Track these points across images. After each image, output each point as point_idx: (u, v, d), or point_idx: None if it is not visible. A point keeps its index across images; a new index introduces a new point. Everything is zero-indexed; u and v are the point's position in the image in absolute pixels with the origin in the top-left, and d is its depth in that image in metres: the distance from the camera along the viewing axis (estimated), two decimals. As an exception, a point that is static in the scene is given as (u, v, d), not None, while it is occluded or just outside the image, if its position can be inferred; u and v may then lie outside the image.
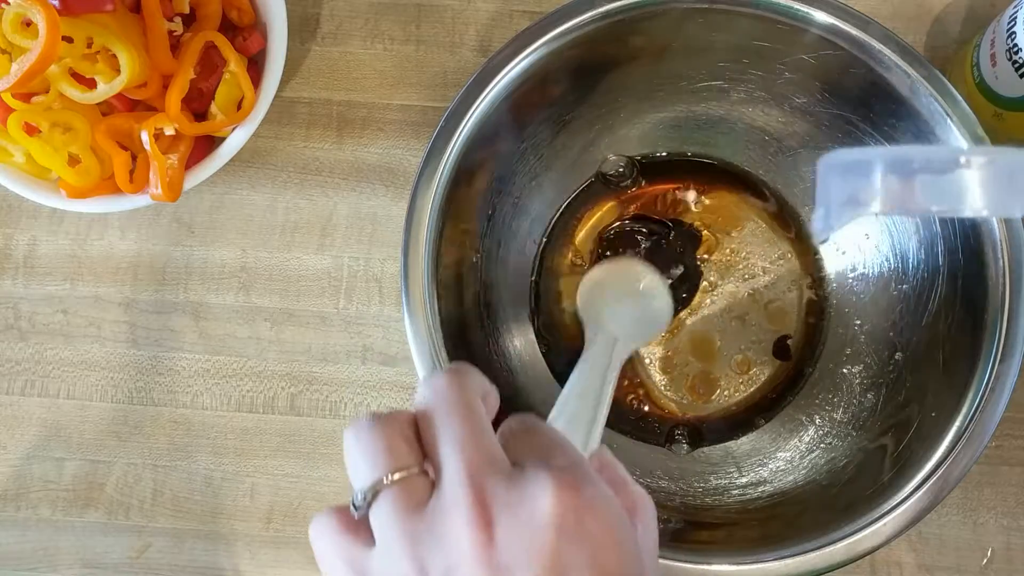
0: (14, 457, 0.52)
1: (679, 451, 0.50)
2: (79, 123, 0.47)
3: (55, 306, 0.53)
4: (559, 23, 0.44)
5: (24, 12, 0.42)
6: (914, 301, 0.47)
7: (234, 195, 0.54)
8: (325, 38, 0.55)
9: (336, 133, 0.54)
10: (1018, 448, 0.51)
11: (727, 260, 0.52)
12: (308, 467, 0.52)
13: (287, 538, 0.51)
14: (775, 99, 0.49)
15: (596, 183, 0.53)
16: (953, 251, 0.45)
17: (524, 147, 0.49)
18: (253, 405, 0.52)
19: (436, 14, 0.55)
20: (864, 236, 0.50)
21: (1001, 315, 0.42)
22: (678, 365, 0.52)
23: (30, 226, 0.54)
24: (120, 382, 0.53)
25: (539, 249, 0.52)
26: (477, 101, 0.44)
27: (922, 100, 0.44)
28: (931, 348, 0.45)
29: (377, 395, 0.52)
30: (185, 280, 0.53)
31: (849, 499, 0.43)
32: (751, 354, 0.51)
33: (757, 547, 0.42)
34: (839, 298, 0.51)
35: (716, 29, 0.46)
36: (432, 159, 0.44)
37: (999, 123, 0.49)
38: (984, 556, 0.50)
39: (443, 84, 0.55)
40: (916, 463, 0.42)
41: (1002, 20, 0.47)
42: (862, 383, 0.48)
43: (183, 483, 0.52)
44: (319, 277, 0.53)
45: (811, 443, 0.48)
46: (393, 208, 0.54)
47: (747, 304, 0.52)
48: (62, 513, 0.52)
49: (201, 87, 0.49)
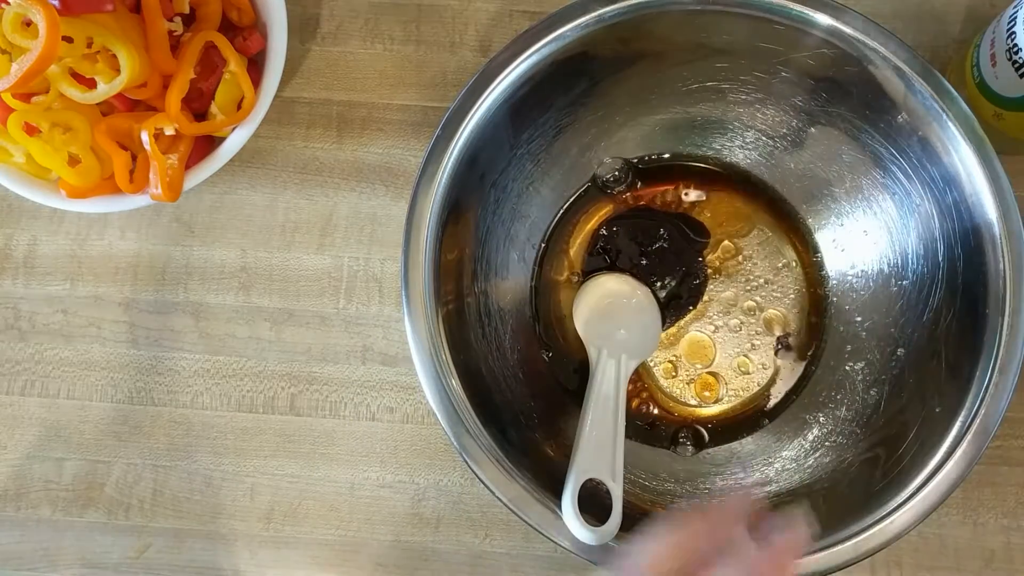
0: (14, 457, 0.52)
1: (684, 453, 0.50)
2: (79, 123, 0.47)
3: (55, 306, 0.54)
4: (558, 26, 0.44)
5: (24, 12, 0.42)
6: (914, 297, 0.47)
7: (234, 195, 0.54)
8: (325, 38, 0.55)
9: (336, 133, 0.54)
10: (1018, 448, 0.51)
11: (726, 260, 0.52)
12: (308, 467, 0.52)
13: (287, 538, 0.51)
14: (773, 100, 0.49)
15: (593, 187, 0.53)
16: (953, 249, 0.45)
17: (522, 150, 0.49)
18: (253, 405, 0.52)
19: (436, 14, 0.55)
20: (863, 233, 0.50)
21: (1002, 314, 0.42)
22: (681, 368, 0.52)
23: (30, 226, 0.54)
24: (120, 382, 0.53)
25: (538, 254, 0.53)
26: (477, 103, 0.44)
27: (920, 99, 0.44)
28: (932, 345, 0.45)
29: (377, 395, 0.52)
30: (185, 280, 0.53)
31: (855, 497, 0.43)
32: (752, 354, 0.51)
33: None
34: (840, 295, 0.51)
35: (714, 30, 0.46)
36: (433, 160, 0.44)
37: (999, 123, 0.49)
38: (984, 556, 0.50)
39: (443, 84, 0.55)
40: (921, 460, 0.42)
41: (1002, 20, 0.47)
42: (865, 380, 0.48)
43: (183, 483, 0.52)
44: (319, 277, 0.53)
45: (816, 442, 0.49)
46: (393, 208, 0.54)
47: (747, 304, 0.52)
48: (62, 513, 0.52)
49: (201, 87, 0.49)
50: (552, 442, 0.48)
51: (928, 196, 0.46)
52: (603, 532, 0.40)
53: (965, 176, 0.43)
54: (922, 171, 0.45)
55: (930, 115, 0.44)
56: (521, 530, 0.51)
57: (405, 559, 0.51)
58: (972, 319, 0.43)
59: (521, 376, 0.49)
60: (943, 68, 0.53)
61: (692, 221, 0.52)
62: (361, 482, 0.51)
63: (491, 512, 0.51)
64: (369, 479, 0.51)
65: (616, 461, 0.42)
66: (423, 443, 0.52)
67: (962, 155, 0.43)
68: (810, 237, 0.52)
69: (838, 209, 0.51)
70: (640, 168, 0.53)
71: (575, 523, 0.39)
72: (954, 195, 0.44)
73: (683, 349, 0.52)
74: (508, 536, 0.51)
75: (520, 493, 0.41)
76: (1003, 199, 0.42)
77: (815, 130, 0.49)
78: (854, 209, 0.50)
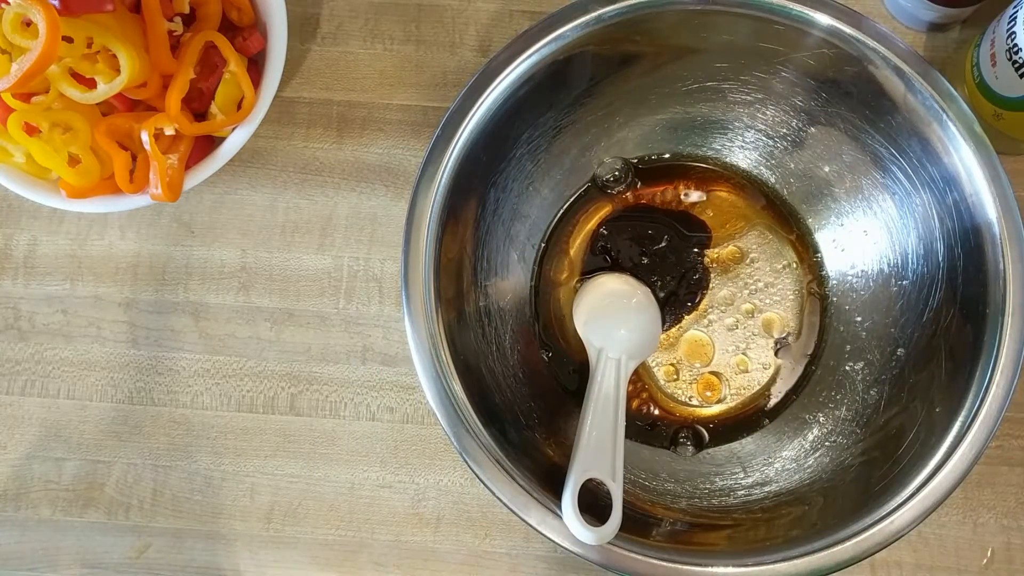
0: (14, 457, 0.52)
1: (684, 453, 0.50)
2: (79, 123, 0.47)
3: (55, 306, 0.54)
4: (558, 26, 0.44)
5: (24, 12, 0.42)
6: (914, 297, 0.47)
7: (234, 195, 0.54)
8: (325, 38, 0.55)
9: (336, 133, 0.54)
10: (1018, 448, 0.51)
11: (726, 260, 0.52)
12: (308, 467, 0.52)
13: (287, 538, 0.51)
14: (773, 100, 0.49)
15: (592, 187, 0.53)
16: (953, 249, 0.45)
17: (522, 150, 0.49)
18: (253, 405, 0.52)
19: (436, 14, 0.55)
20: (863, 233, 0.50)
21: (1002, 314, 0.42)
22: (681, 368, 0.52)
23: (30, 226, 0.54)
24: (120, 382, 0.53)
25: (538, 254, 0.53)
26: (477, 103, 0.44)
27: (920, 99, 0.44)
28: (932, 345, 0.45)
29: (377, 395, 0.52)
30: (185, 280, 0.53)
31: (855, 497, 0.43)
32: (752, 354, 0.51)
33: (762, 548, 0.42)
34: (840, 295, 0.51)
35: (714, 30, 0.46)
36: (433, 161, 0.44)
37: (999, 123, 0.49)
38: (984, 556, 0.50)
39: (443, 84, 0.55)
40: (921, 460, 0.42)
41: (1002, 20, 0.47)
42: (864, 380, 0.48)
43: (183, 483, 0.52)
44: (319, 277, 0.53)
45: (816, 442, 0.48)
46: (393, 208, 0.54)
47: (747, 304, 0.52)
48: (62, 513, 0.52)
49: (201, 87, 0.49)
50: (552, 442, 0.48)
51: (928, 196, 0.46)
52: (603, 532, 0.40)
53: (965, 176, 0.43)
54: (922, 171, 0.45)
55: (930, 115, 0.44)
56: (521, 530, 0.51)
57: (405, 559, 0.51)
58: (972, 319, 0.43)
59: (521, 376, 0.49)
60: (943, 68, 0.53)
61: (693, 220, 0.52)
62: (361, 482, 0.51)
63: (491, 512, 0.51)
64: (369, 479, 0.51)
65: (616, 461, 0.42)
66: (423, 443, 0.52)
67: (962, 155, 0.43)
68: (810, 237, 0.52)
69: (838, 209, 0.51)
70: (640, 168, 0.53)
71: (575, 523, 0.39)
72: (954, 195, 0.44)
73: (683, 348, 0.52)
74: (508, 536, 0.51)
75: (520, 493, 0.41)
76: (1003, 199, 0.42)
77: (815, 130, 0.49)
78: (854, 209, 0.50)
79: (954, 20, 0.53)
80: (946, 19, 0.53)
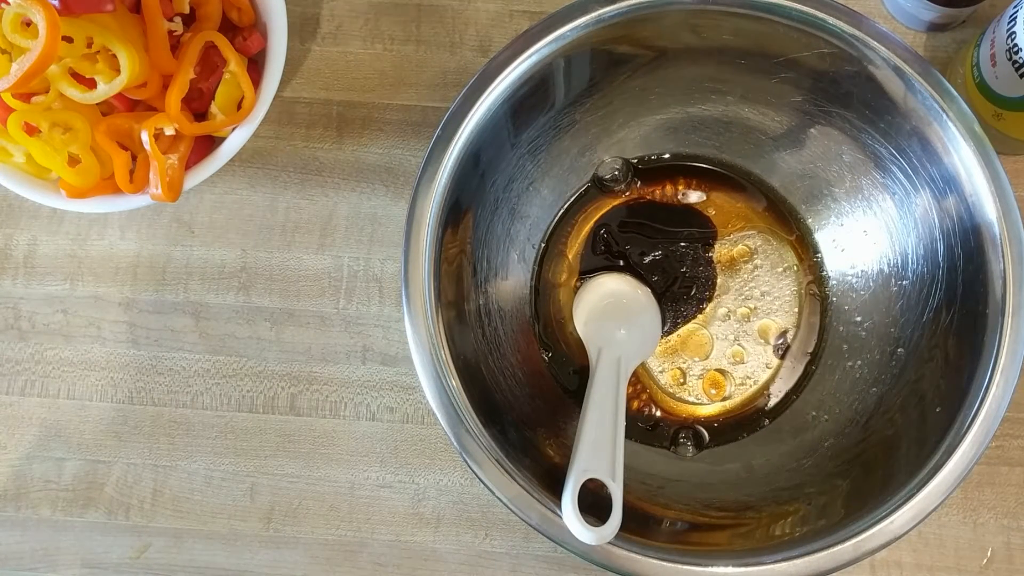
0: (14, 457, 0.52)
1: (684, 453, 0.50)
2: (79, 123, 0.47)
3: (55, 306, 0.54)
4: (558, 26, 0.44)
5: (24, 12, 0.42)
6: (914, 297, 0.47)
7: (234, 195, 0.54)
8: (325, 38, 0.55)
9: (336, 133, 0.54)
10: (1018, 448, 0.51)
11: (727, 260, 0.52)
12: (308, 467, 0.52)
13: (287, 538, 0.51)
14: (772, 99, 0.49)
15: (592, 187, 0.53)
16: (953, 249, 0.45)
17: (522, 150, 0.49)
18: (253, 405, 0.52)
19: (436, 14, 0.55)
20: (863, 233, 0.50)
21: (1002, 314, 0.42)
22: (681, 368, 0.52)
23: (30, 226, 0.54)
24: (120, 382, 0.53)
25: (538, 255, 0.53)
26: (477, 103, 0.44)
27: (920, 99, 0.44)
28: (932, 344, 0.45)
29: (377, 395, 0.52)
30: (185, 280, 0.53)
31: (855, 497, 0.43)
32: (753, 354, 0.51)
33: (762, 548, 0.42)
34: (840, 295, 0.51)
35: (714, 30, 0.46)
36: (433, 160, 0.44)
37: (999, 123, 0.49)
38: (984, 556, 0.50)
39: (443, 84, 0.55)
40: (921, 460, 0.42)
41: (1002, 20, 0.47)
42: (865, 380, 0.48)
43: (183, 483, 0.52)
44: (319, 277, 0.53)
45: (815, 441, 0.48)
46: (393, 208, 0.54)
47: (747, 304, 0.52)
48: (62, 513, 0.52)
49: (201, 87, 0.49)
50: (552, 442, 0.48)
51: (928, 196, 0.46)
52: (603, 532, 0.40)
53: (965, 176, 0.43)
54: (922, 171, 0.45)
55: (930, 115, 0.44)
56: (521, 530, 0.51)
57: (405, 559, 0.51)
58: (972, 319, 0.43)
59: (521, 376, 0.49)
60: (943, 68, 0.53)
61: (696, 217, 0.52)
62: (361, 482, 0.51)
63: (491, 512, 0.51)
64: (369, 479, 0.51)
65: (616, 461, 0.42)
66: (423, 443, 0.52)
67: (962, 155, 0.43)
68: (810, 237, 0.52)
69: (838, 209, 0.51)
70: (640, 168, 0.53)
71: (575, 523, 0.39)
72: (954, 195, 0.44)
73: (683, 349, 0.52)
74: (508, 536, 0.51)
75: (520, 493, 0.41)
76: (1003, 199, 0.42)
77: (815, 130, 0.49)
78: (854, 209, 0.50)
79: (954, 20, 0.53)
80: (946, 19, 0.53)
